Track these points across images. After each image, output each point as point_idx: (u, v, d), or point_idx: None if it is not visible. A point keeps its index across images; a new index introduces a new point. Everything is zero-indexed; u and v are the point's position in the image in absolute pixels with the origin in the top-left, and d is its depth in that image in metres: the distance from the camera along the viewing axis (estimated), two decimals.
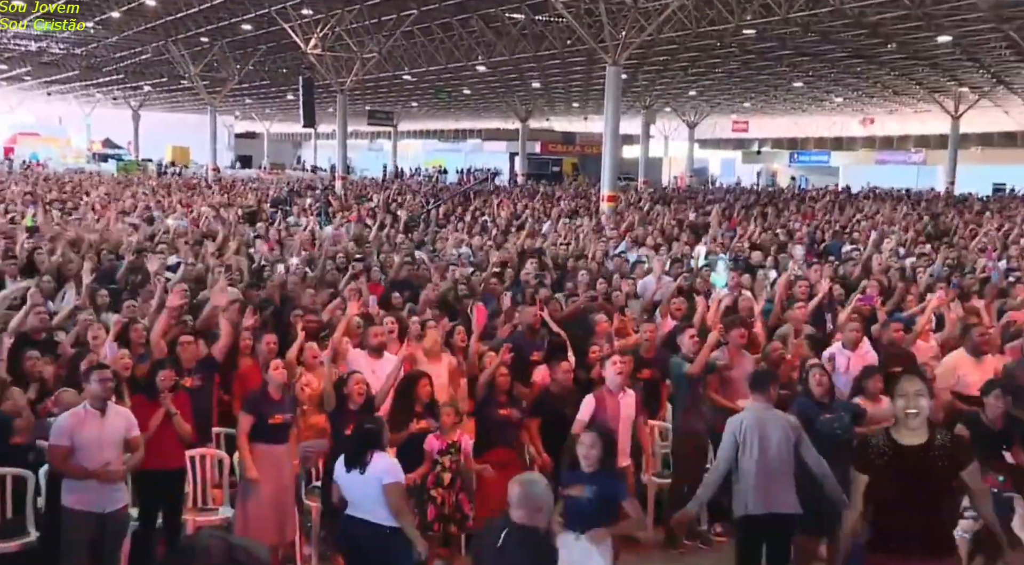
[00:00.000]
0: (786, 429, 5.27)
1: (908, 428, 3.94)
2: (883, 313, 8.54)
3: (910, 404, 3.93)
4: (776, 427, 5.27)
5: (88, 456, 5.20)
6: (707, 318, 7.57)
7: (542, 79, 38.45)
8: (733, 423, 5.36)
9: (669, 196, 32.08)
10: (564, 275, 11.11)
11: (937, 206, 26.17)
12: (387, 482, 4.85)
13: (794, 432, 5.28)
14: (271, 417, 5.90)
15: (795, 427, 5.33)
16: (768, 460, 5.20)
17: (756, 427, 5.25)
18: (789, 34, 25.78)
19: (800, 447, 5.26)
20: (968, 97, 38.06)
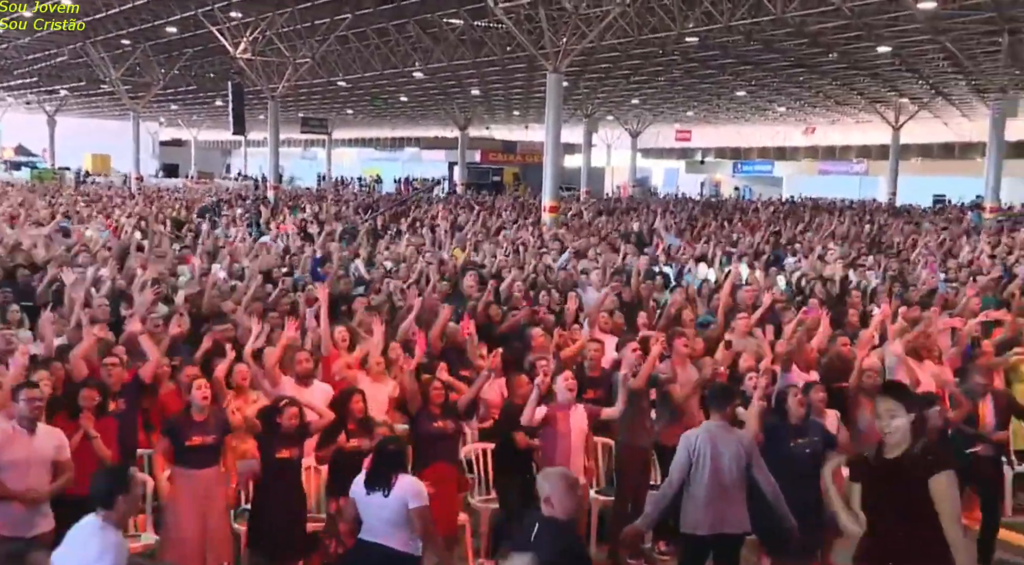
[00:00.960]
0: (739, 448, 5.36)
1: (889, 443, 4.10)
2: (827, 324, 8.74)
3: (882, 424, 4.10)
4: (729, 446, 5.35)
5: (14, 476, 5.08)
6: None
7: (482, 86, 38.58)
8: (687, 439, 5.42)
9: (613, 207, 32.43)
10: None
11: (880, 218, 26.88)
12: (415, 506, 4.89)
13: (747, 451, 5.37)
14: (189, 439, 5.77)
15: (748, 446, 5.41)
16: (720, 479, 5.27)
17: (709, 444, 5.32)
18: (731, 42, 26.32)
19: (752, 467, 5.35)
20: (908, 108, 39.30)
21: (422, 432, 6.39)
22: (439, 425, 6.38)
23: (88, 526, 4.03)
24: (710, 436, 5.37)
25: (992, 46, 24.87)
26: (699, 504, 5.27)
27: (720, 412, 5.50)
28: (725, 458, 5.31)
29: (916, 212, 30.92)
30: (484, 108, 48.40)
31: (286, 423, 5.88)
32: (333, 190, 47.59)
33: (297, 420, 5.92)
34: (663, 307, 9.77)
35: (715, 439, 5.36)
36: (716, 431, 5.42)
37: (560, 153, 26.65)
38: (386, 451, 5.07)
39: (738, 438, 5.45)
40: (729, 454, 5.33)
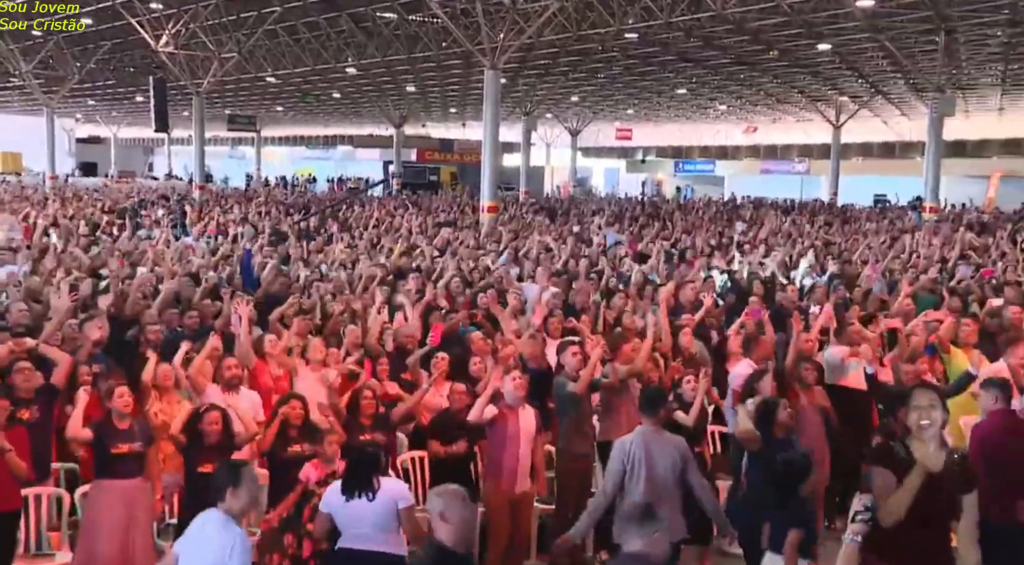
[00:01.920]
0: (675, 453, 5.39)
1: (921, 440, 4.08)
2: (770, 326, 8.91)
3: (923, 416, 4.10)
4: (665, 451, 5.37)
5: None
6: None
7: (417, 83, 38.45)
8: (621, 446, 5.44)
9: (553, 207, 32.60)
10: None
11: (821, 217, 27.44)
12: (404, 506, 4.90)
13: (682, 456, 5.40)
14: (114, 447, 5.64)
15: (684, 451, 5.44)
16: (655, 486, 5.30)
17: (644, 451, 5.34)
18: (672, 39, 26.66)
19: (688, 472, 5.39)
20: (848, 106, 40.25)
21: (350, 444, 6.29)
22: (367, 438, 6.32)
23: (213, 521, 4.20)
24: (644, 442, 5.39)
25: (929, 45, 25.61)
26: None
27: (652, 417, 5.51)
28: (660, 464, 5.33)
29: (857, 212, 31.64)
30: (420, 105, 48.24)
31: (209, 429, 5.77)
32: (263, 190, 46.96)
33: (220, 427, 5.81)
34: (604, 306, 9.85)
35: (649, 445, 5.38)
36: (650, 436, 5.43)
37: (498, 152, 26.69)
38: (366, 454, 5.04)
39: (673, 443, 5.47)
40: (664, 460, 5.34)
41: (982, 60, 28.30)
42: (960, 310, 9.78)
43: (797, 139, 54.65)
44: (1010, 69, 30.09)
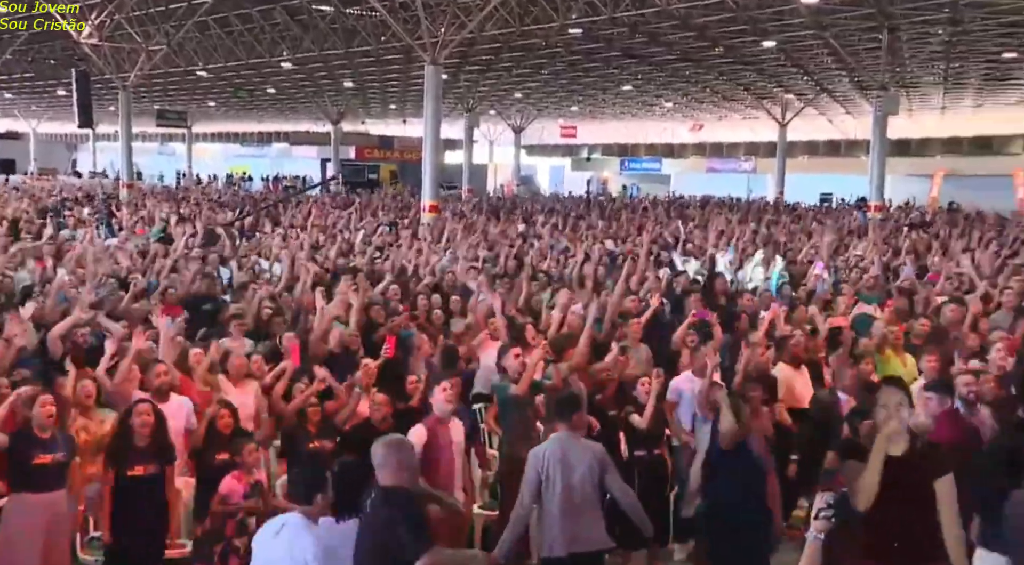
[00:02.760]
0: (591, 460, 5.36)
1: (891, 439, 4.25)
2: (719, 329, 9.02)
3: (891, 415, 4.26)
4: (581, 458, 5.36)
5: None
6: None
7: (355, 78, 38.19)
8: (535, 455, 5.43)
9: (496, 206, 32.62)
10: None
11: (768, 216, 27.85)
12: None
13: (600, 462, 5.38)
14: (35, 458, 5.51)
15: (601, 457, 5.42)
16: (572, 494, 5.28)
17: (560, 459, 5.32)
18: (616, 35, 26.87)
19: (607, 477, 5.38)
20: (794, 104, 40.99)
21: (297, 453, 6.29)
22: (315, 445, 6.30)
23: (293, 525, 4.28)
24: (560, 449, 5.38)
25: (873, 42, 26.19)
26: (553, 522, 5.28)
27: (567, 422, 5.49)
28: (577, 472, 5.32)
29: (803, 211, 32.19)
30: (358, 101, 47.93)
31: (139, 431, 5.65)
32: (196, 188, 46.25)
33: (151, 429, 5.70)
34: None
35: (565, 452, 5.36)
36: (567, 443, 5.42)
37: (440, 149, 26.63)
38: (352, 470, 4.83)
39: (590, 449, 5.47)
40: (581, 467, 5.33)
41: (924, 58, 29.03)
42: (907, 311, 10.02)
43: (743, 137, 55.49)
44: (951, 68, 30.92)
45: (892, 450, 4.27)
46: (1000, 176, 42.67)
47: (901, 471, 4.26)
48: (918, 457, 4.31)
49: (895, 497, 4.25)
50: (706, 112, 49.03)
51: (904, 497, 4.25)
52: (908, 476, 4.26)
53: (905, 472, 4.26)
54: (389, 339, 8.42)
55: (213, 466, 5.92)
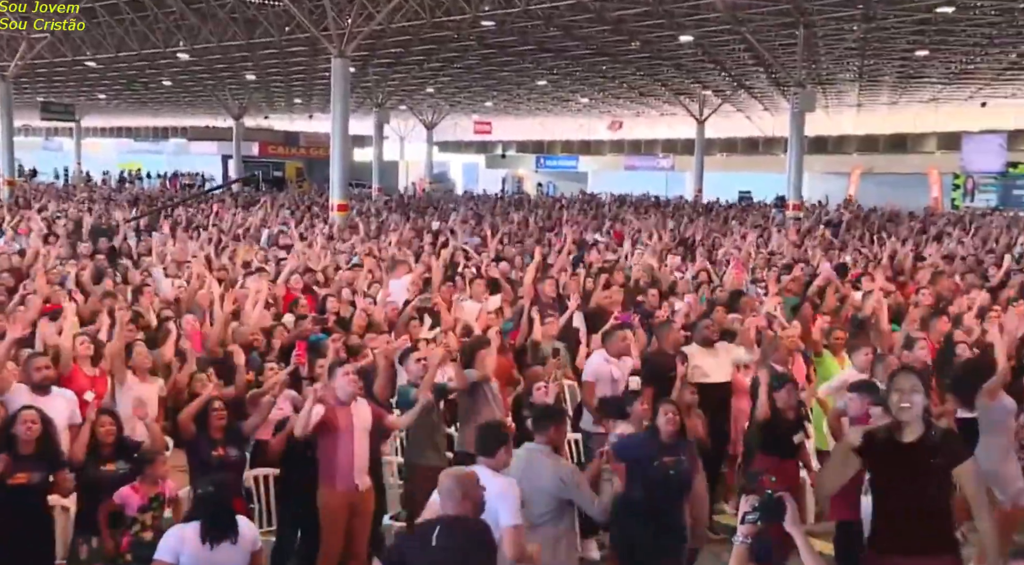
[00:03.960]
0: (556, 475, 5.34)
1: (903, 423, 4.34)
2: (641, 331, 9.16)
3: (903, 399, 4.34)
4: (546, 472, 5.34)
5: None
6: None
7: (258, 71, 37.60)
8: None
9: (407, 204, 32.53)
10: None
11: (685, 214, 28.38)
12: (260, 546, 4.84)
13: (567, 478, 5.35)
14: None
15: (568, 473, 5.41)
16: (532, 510, 5.24)
17: (523, 472, 5.28)
18: (531, 28, 27.01)
19: (574, 496, 5.35)
20: (712, 101, 41.81)
21: (200, 462, 6.20)
22: (219, 453, 6.23)
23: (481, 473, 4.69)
24: (527, 461, 5.36)
25: (789, 39, 26.87)
26: None
27: (541, 434, 5.46)
28: (538, 486, 5.29)
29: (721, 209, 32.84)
30: (261, 95, 47.20)
31: (24, 436, 5.46)
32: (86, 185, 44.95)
33: (37, 433, 5.51)
34: None
35: (531, 464, 5.35)
36: (532, 456, 5.41)
37: (348, 146, 26.46)
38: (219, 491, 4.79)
39: (558, 466, 5.44)
40: (541, 482, 5.31)
41: (840, 55, 29.89)
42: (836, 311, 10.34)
43: (661, 134, 56.36)
44: (866, 65, 31.92)
45: (906, 436, 4.37)
46: (915, 174, 44.23)
47: (913, 458, 4.34)
48: (932, 444, 4.38)
49: (905, 485, 4.34)
50: (623, 108, 49.64)
51: (915, 485, 4.34)
52: (920, 463, 4.34)
53: (917, 459, 4.34)
54: (299, 344, 8.34)
55: (99, 477, 5.76)
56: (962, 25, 24.92)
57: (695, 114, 42.81)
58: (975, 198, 43.56)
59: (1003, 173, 43.06)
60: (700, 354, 8.09)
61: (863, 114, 46.40)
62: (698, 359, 7.99)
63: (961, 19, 24.09)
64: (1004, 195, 43.25)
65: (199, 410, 6.31)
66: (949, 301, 10.71)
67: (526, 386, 7.52)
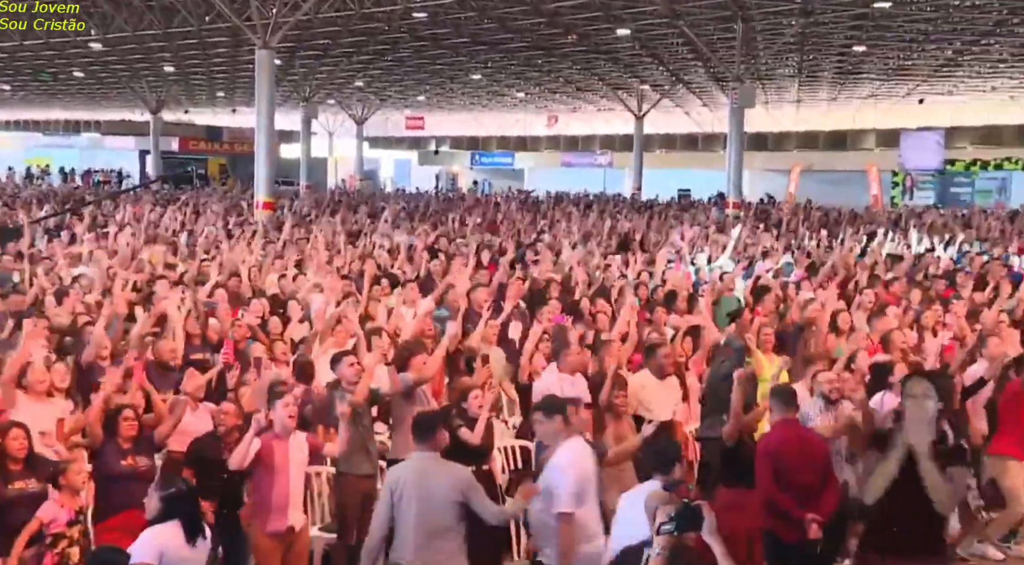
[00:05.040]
0: (455, 483, 5.35)
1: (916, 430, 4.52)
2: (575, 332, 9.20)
3: (916, 404, 4.54)
4: (442, 481, 5.33)
5: None
6: None
7: (177, 62, 36.98)
8: (390, 476, 5.38)
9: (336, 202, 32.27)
10: None
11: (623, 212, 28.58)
12: None
13: (465, 487, 5.37)
14: None
15: (466, 482, 5.41)
16: (429, 520, 5.26)
17: (416, 481, 5.29)
18: (464, 19, 27.00)
19: (473, 503, 5.35)
20: (650, 96, 42.21)
21: (109, 472, 6.10)
22: (129, 463, 6.14)
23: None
24: (419, 471, 5.35)
25: (728, 33, 27.27)
26: (407, 549, 5.25)
27: (425, 443, 5.46)
28: (436, 496, 5.28)
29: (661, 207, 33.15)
30: (181, 88, 46.47)
31: None
32: None
33: None
34: None
35: (424, 475, 5.33)
36: (426, 464, 5.40)
37: (274, 141, 26.18)
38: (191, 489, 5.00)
39: (454, 473, 5.46)
40: (441, 491, 5.30)
41: (779, 50, 30.40)
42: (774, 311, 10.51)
43: (599, 130, 56.74)
44: (805, 60, 32.52)
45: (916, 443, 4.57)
46: (855, 172, 45.18)
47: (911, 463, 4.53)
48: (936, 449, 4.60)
49: (905, 489, 4.52)
50: (560, 103, 49.86)
51: (913, 489, 4.51)
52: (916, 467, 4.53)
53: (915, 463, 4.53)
54: (228, 343, 8.21)
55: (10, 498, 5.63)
56: (899, 21, 25.52)
57: (633, 110, 43.17)
58: (914, 196, 44.64)
59: (941, 171, 44.20)
60: (650, 386, 8.02)
61: (803, 110, 47.23)
62: (647, 391, 7.95)
63: (898, 15, 24.68)
64: (942, 193, 44.39)
65: (107, 416, 6.21)
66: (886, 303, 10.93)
67: (455, 395, 7.48)
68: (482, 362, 8.27)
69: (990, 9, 23.68)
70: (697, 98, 42.49)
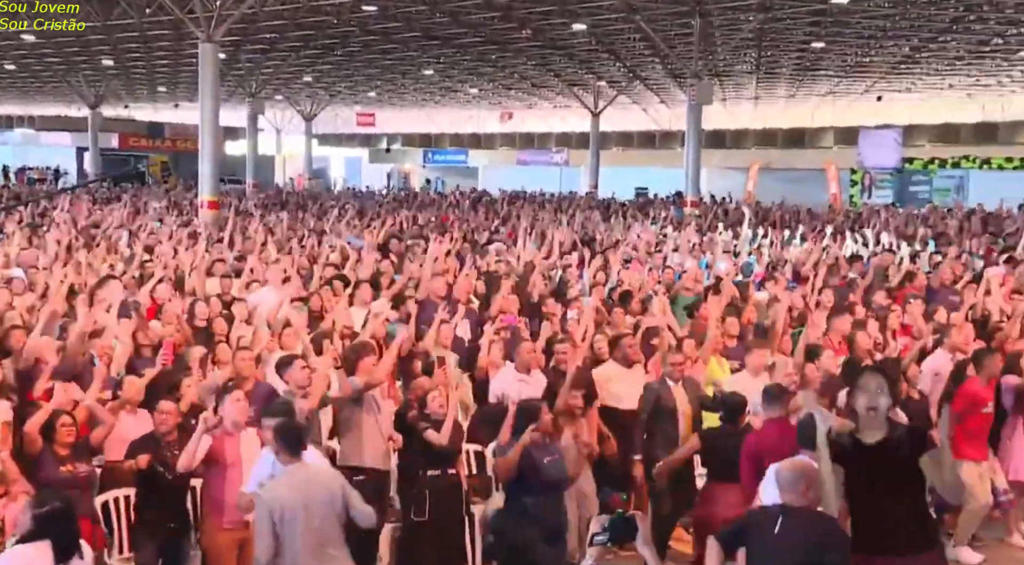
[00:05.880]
0: (331, 489, 5.39)
1: (868, 426, 4.57)
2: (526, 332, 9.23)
3: (871, 401, 4.56)
4: (318, 490, 5.35)
5: None
6: None
7: (116, 55, 36.52)
8: (264, 494, 5.31)
9: (285, 201, 32.06)
10: None
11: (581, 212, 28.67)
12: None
13: (340, 491, 5.41)
14: None
15: (340, 484, 5.46)
16: (315, 532, 5.26)
17: (294, 496, 5.26)
18: (416, 13, 26.94)
19: (351, 509, 5.40)
20: (607, 93, 42.41)
21: (46, 479, 6.02)
22: (68, 469, 6.10)
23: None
24: (292, 485, 5.34)
25: (685, 28, 27.48)
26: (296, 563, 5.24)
27: (293, 455, 5.43)
28: (316, 506, 5.29)
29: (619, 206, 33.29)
30: (121, 82, 45.87)
31: None
32: None
33: None
34: None
35: (299, 487, 5.33)
36: (300, 475, 5.40)
37: (220, 138, 25.99)
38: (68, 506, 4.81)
39: (329, 478, 5.52)
40: (322, 501, 5.32)
41: (736, 46, 30.69)
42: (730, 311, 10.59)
43: (555, 127, 56.88)
44: (763, 56, 32.87)
45: (867, 438, 4.61)
46: (814, 170, 45.72)
47: (879, 458, 4.58)
48: (896, 442, 4.64)
49: (876, 486, 4.57)
50: (515, 100, 49.92)
51: (886, 485, 4.57)
52: (887, 462, 4.59)
53: (883, 459, 4.59)
54: (166, 344, 8.14)
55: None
56: (857, 17, 25.89)
57: (589, 106, 43.35)
58: (872, 194, 45.26)
59: (899, 169, 44.86)
60: (617, 376, 8.14)
61: (761, 107, 47.72)
62: (614, 382, 8.06)
63: (856, 11, 25.04)
64: (900, 191, 45.06)
65: (44, 423, 6.14)
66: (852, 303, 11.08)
67: (413, 397, 7.47)
68: (439, 364, 8.28)
69: (947, 6, 24.12)
70: (654, 95, 42.77)
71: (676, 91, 37.07)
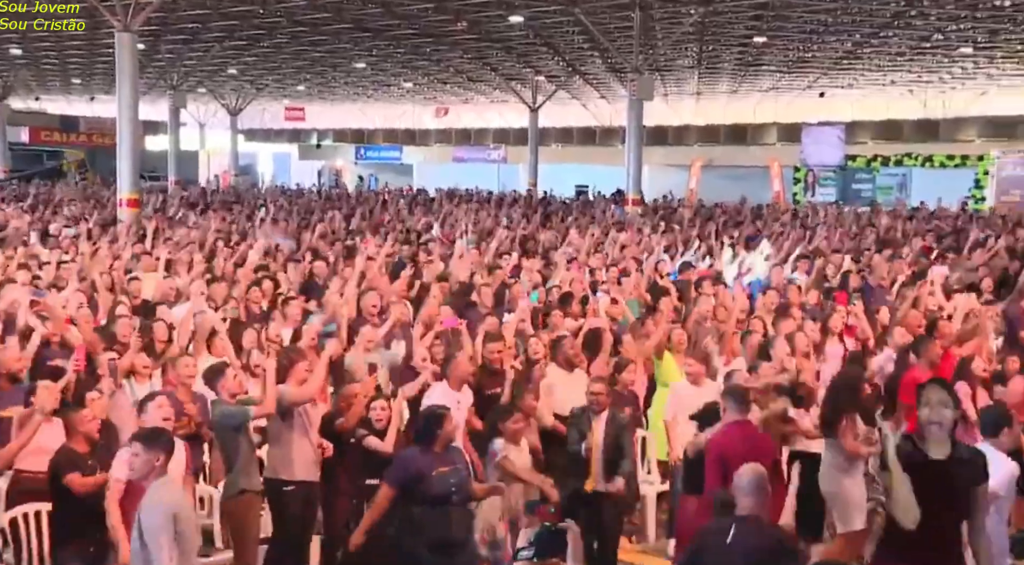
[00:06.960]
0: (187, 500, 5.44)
1: (931, 438, 4.61)
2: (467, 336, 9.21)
3: (933, 414, 4.59)
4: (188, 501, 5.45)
5: None
6: None
7: (25, 45, 35.76)
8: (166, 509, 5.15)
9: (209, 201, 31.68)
10: None
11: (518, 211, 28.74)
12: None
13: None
14: None
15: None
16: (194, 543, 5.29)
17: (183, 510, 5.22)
18: (346, 3, 26.78)
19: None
20: (545, 87, 42.54)
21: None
22: None
23: None
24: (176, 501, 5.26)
25: (625, 22, 27.65)
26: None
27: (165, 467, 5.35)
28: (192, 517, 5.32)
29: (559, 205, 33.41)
30: (31, 73, 44.94)
31: None
32: None
33: None
34: None
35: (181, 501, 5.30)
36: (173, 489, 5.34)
37: (139, 133, 25.56)
38: None
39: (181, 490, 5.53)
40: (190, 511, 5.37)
41: (677, 40, 30.95)
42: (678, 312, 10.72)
43: (492, 123, 56.90)
44: (705, 51, 33.21)
45: (934, 453, 4.65)
46: (757, 167, 46.30)
47: (939, 474, 4.62)
48: (958, 461, 4.69)
49: (931, 501, 4.61)
50: (450, 94, 49.88)
51: (940, 502, 4.62)
52: (947, 480, 4.64)
53: (943, 475, 4.63)
54: (79, 349, 7.98)
55: None
56: (799, 11, 26.27)
57: (528, 101, 43.44)
58: (816, 192, 45.96)
59: (842, 167, 45.61)
60: (559, 382, 8.13)
61: (703, 103, 48.20)
62: (557, 389, 8.07)
63: (798, 5, 25.41)
64: (843, 189, 45.83)
65: None
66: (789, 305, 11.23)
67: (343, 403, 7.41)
68: (370, 371, 8.22)
69: (888, 1, 24.56)
70: (594, 90, 42.99)
71: (616, 86, 37.31)
